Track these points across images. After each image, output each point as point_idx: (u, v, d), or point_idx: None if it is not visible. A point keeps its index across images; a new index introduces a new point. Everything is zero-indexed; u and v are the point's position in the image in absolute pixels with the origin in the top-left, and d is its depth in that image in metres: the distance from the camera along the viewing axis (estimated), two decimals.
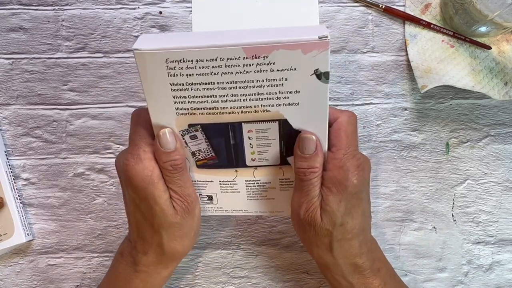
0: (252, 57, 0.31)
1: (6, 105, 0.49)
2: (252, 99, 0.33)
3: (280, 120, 0.34)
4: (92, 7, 0.50)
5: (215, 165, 0.38)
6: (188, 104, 0.34)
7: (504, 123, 0.49)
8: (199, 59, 0.31)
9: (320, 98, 0.33)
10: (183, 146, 0.36)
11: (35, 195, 0.48)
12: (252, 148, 0.36)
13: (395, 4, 0.50)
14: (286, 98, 0.33)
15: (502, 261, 0.48)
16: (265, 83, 0.32)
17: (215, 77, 0.32)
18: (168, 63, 0.31)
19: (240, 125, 0.35)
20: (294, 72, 0.32)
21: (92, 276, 0.48)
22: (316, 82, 0.32)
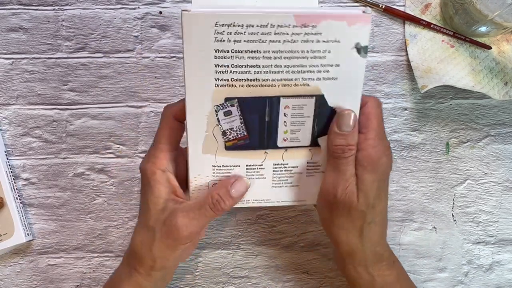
0: (301, 25, 0.32)
1: (6, 105, 0.49)
2: (294, 71, 0.34)
3: (317, 96, 0.35)
4: (92, 7, 0.50)
5: (245, 146, 0.37)
6: (230, 74, 0.33)
7: (504, 123, 0.49)
8: (250, 25, 0.31)
9: (358, 73, 0.34)
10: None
11: (35, 195, 0.48)
12: (286, 126, 0.36)
13: (395, 4, 0.50)
14: (326, 71, 0.34)
15: (502, 261, 0.48)
16: (309, 54, 0.33)
17: (263, 45, 0.32)
18: (217, 26, 0.31)
19: (278, 100, 0.35)
20: (337, 44, 0.33)
21: (92, 276, 0.48)
22: (355, 56, 0.34)
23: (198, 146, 0.36)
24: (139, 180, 0.48)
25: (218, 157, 0.37)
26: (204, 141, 0.36)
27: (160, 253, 0.37)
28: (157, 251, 0.36)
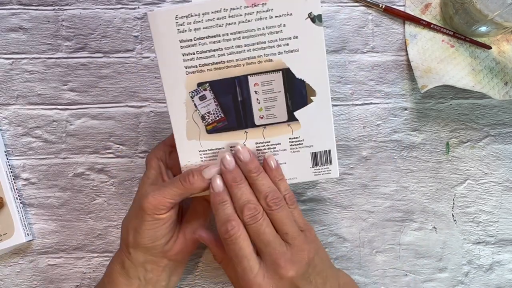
0: (252, 5, 0.35)
1: (6, 105, 0.49)
2: (255, 49, 0.36)
3: (284, 69, 0.37)
4: (92, 7, 0.50)
5: (225, 128, 0.38)
6: (197, 60, 0.36)
7: (504, 123, 0.49)
8: (205, 12, 0.35)
9: (317, 42, 0.36)
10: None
11: (35, 195, 0.48)
12: (260, 104, 0.38)
13: (395, 4, 0.50)
14: (286, 45, 0.36)
15: (502, 261, 0.48)
16: (265, 30, 0.36)
17: (220, 29, 0.35)
18: (177, 19, 0.35)
19: (246, 79, 0.37)
20: (290, 18, 0.35)
21: (92, 276, 0.48)
22: (311, 25, 0.35)
23: (182, 133, 0.38)
24: (139, 180, 0.48)
25: (202, 141, 0.39)
26: (187, 128, 0.38)
27: (131, 224, 0.38)
28: (130, 223, 0.39)
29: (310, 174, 0.39)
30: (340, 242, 0.48)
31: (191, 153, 0.39)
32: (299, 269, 0.34)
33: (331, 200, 0.48)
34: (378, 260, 0.48)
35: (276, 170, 0.37)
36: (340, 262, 0.48)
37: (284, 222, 0.35)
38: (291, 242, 0.35)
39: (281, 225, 0.35)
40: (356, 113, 0.49)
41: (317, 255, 0.36)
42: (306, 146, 0.39)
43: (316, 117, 0.38)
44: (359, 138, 0.49)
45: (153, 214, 0.37)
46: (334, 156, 0.39)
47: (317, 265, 0.35)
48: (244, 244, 0.35)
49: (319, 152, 0.39)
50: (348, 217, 0.48)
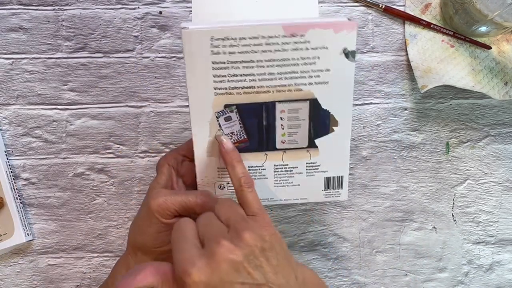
0: (290, 35, 0.35)
1: (6, 105, 0.49)
2: (287, 78, 0.36)
3: (311, 99, 0.37)
4: (92, 7, 0.50)
5: (246, 149, 0.39)
6: (227, 83, 0.36)
7: (504, 123, 0.49)
8: (242, 37, 0.34)
9: (347, 76, 0.36)
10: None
11: (35, 195, 0.48)
12: (283, 129, 0.38)
13: (395, 4, 0.50)
14: (318, 76, 0.36)
15: (502, 261, 0.48)
16: (300, 61, 0.36)
17: (255, 55, 0.35)
18: (213, 41, 0.34)
19: (274, 105, 0.37)
20: (325, 51, 0.35)
21: (92, 276, 0.48)
22: (344, 60, 0.36)
23: (203, 150, 0.38)
24: (139, 180, 0.48)
25: (222, 160, 0.38)
26: (208, 145, 0.38)
27: (139, 227, 0.38)
28: (137, 225, 0.39)
29: (321, 196, 0.41)
30: (340, 242, 0.48)
31: (209, 170, 0.39)
32: (241, 252, 0.32)
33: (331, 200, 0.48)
34: (378, 260, 0.48)
35: (233, 151, 0.37)
36: (340, 262, 0.48)
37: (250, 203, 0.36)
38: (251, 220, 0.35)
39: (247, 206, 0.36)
40: (356, 113, 0.49)
41: (264, 242, 0.33)
42: (321, 171, 0.40)
43: (335, 145, 0.39)
44: (359, 138, 0.49)
45: (160, 217, 0.37)
46: (345, 182, 0.40)
47: (265, 250, 0.33)
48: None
49: (332, 177, 0.40)
50: (348, 217, 0.48)
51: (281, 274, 0.33)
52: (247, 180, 0.36)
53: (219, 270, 0.31)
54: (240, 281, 0.31)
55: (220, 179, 0.40)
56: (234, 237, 0.32)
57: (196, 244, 0.32)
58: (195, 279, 0.30)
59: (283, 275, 0.33)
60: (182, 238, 0.33)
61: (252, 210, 0.35)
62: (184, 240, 0.33)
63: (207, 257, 0.31)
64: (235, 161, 0.37)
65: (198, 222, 0.34)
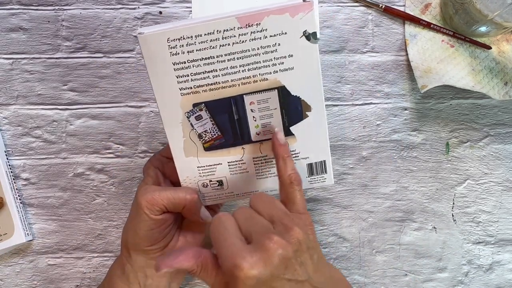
0: (246, 25, 0.34)
1: (6, 105, 0.49)
2: (250, 69, 0.36)
3: (279, 87, 0.37)
4: (92, 7, 0.50)
5: (222, 145, 0.39)
6: (191, 82, 0.36)
7: (504, 123, 0.49)
8: (198, 35, 0.34)
9: (312, 59, 0.36)
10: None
11: (35, 195, 0.48)
12: (256, 121, 0.38)
13: (395, 4, 0.50)
14: (281, 63, 0.36)
15: (502, 261, 0.48)
16: (260, 50, 0.35)
17: (214, 51, 0.35)
18: (169, 42, 0.34)
19: (242, 98, 0.37)
20: (285, 36, 0.35)
21: (92, 276, 0.48)
22: (306, 43, 0.35)
23: (180, 151, 0.38)
24: (139, 180, 0.48)
25: (200, 158, 0.39)
26: (184, 146, 0.38)
27: (130, 226, 0.39)
28: (129, 225, 0.39)
29: (306, 183, 0.41)
30: (340, 242, 0.48)
31: (189, 170, 0.39)
32: (292, 248, 0.32)
33: (331, 200, 0.48)
34: (378, 260, 0.48)
35: (285, 146, 0.37)
36: (340, 262, 0.48)
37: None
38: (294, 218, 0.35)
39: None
40: (356, 113, 0.49)
41: (310, 240, 0.34)
42: (302, 158, 0.40)
43: (311, 130, 0.38)
44: (359, 138, 0.49)
45: (149, 213, 0.37)
46: (329, 166, 0.40)
47: (309, 248, 0.33)
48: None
49: (314, 163, 0.40)
50: (348, 217, 0.48)
51: (320, 272, 0.33)
52: (297, 178, 0.36)
53: (271, 265, 0.30)
54: (287, 277, 0.31)
55: (201, 178, 0.40)
56: (284, 232, 0.32)
57: (242, 239, 0.32)
58: (247, 274, 0.30)
59: (322, 274, 0.34)
60: (226, 232, 0.33)
61: (298, 208, 0.35)
62: (228, 234, 0.32)
63: (259, 252, 0.31)
64: (286, 156, 0.36)
65: (237, 217, 0.34)
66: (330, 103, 0.49)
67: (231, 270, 0.30)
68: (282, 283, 0.31)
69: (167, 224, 0.39)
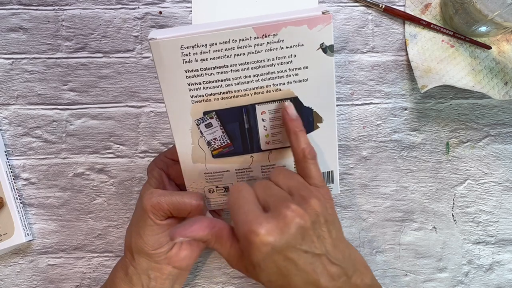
0: (262, 36, 0.33)
1: (6, 105, 0.49)
2: (264, 79, 0.35)
3: (291, 98, 0.36)
4: (92, 7, 0.50)
5: (231, 153, 0.38)
6: (203, 90, 0.35)
7: (504, 123, 0.49)
8: (213, 43, 0.33)
9: (327, 71, 0.35)
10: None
11: (35, 195, 0.48)
12: (266, 130, 0.38)
13: (395, 4, 0.50)
14: (296, 75, 0.35)
15: (502, 261, 0.48)
16: (275, 61, 0.34)
17: (228, 60, 0.34)
18: (182, 49, 0.33)
19: (254, 108, 0.36)
20: (301, 48, 0.34)
21: (92, 276, 0.48)
22: (322, 56, 0.34)
23: (187, 157, 0.38)
24: (139, 180, 0.48)
25: (208, 165, 0.39)
26: (192, 152, 0.38)
27: (134, 229, 0.39)
28: (133, 228, 0.39)
29: None
30: None
31: (196, 176, 0.39)
32: (310, 218, 0.31)
33: None
34: (378, 260, 0.48)
35: (297, 120, 0.35)
36: None
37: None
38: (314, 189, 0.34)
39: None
40: (356, 113, 0.49)
41: (328, 213, 0.33)
42: None
43: (321, 141, 0.38)
44: (359, 138, 0.49)
45: (154, 218, 0.37)
46: (336, 176, 0.40)
47: (328, 221, 0.33)
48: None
49: (322, 173, 0.39)
50: (348, 217, 0.48)
51: (338, 248, 0.32)
52: (311, 151, 0.34)
53: (288, 233, 0.30)
54: (303, 249, 0.30)
55: (208, 184, 0.39)
56: (302, 203, 0.31)
57: (259, 207, 0.32)
58: (263, 240, 0.29)
59: (340, 250, 0.33)
60: (243, 199, 0.32)
61: (315, 182, 0.34)
62: (246, 201, 0.32)
63: (276, 219, 0.30)
64: (298, 130, 0.35)
65: (256, 188, 0.33)
66: None
67: (247, 236, 0.29)
68: (298, 254, 0.30)
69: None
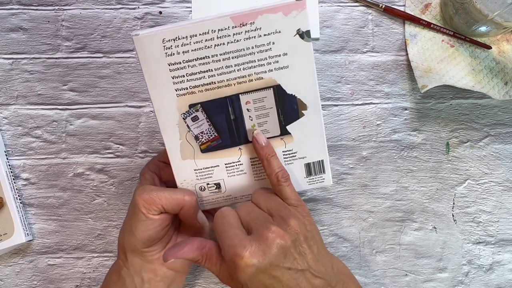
0: (240, 25, 0.34)
1: (6, 105, 0.49)
2: (245, 68, 0.36)
3: (274, 86, 0.37)
4: (92, 7, 0.50)
5: (219, 146, 0.39)
6: (187, 82, 0.36)
7: (504, 123, 0.49)
8: (193, 35, 0.34)
9: (307, 57, 0.36)
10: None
11: (35, 195, 0.48)
12: (252, 120, 0.38)
13: (395, 4, 0.50)
14: (276, 62, 0.36)
15: (502, 261, 0.48)
16: (255, 49, 0.35)
17: (209, 50, 0.35)
18: (164, 43, 0.34)
19: (238, 98, 0.37)
20: (279, 35, 0.35)
21: (92, 276, 0.48)
22: (300, 41, 0.35)
23: (176, 154, 0.38)
24: (139, 180, 0.48)
25: (197, 161, 0.39)
26: (181, 148, 0.38)
27: (126, 227, 0.39)
28: (125, 226, 0.39)
29: (305, 184, 0.40)
30: (340, 242, 0.48)
31: (186, 173, 0.39)
32: (290, 237, 0.34)
33: (331, 200, 0.48)
34: (378, 260, 0.48)
35: (267, 147, 0.37)
36: None
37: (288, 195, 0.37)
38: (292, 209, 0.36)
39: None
40: (356, 113, 0.49)
41: (307, 231, 0.35)
42: (300, 158, 0.39)
43: (308, 129, 0.38)
44: (359, 138, 0.49)
45: (146, 212, 0.37)
46: (327, 165, 0.40)
47: (307, 238, 0.35)
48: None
49: (312, 162, 0.40)
50: (348, 217, 0.48)
51: (320, 262, 0.35)
52: (284, 175, 0.36)
53: (270, 254, 0.32)
54: (286, 266, 0.33)
55: (199, 181, 0.40)
56: (281, 224, 0.34)
57: (243, 230, 0.34)
58: (247, 262, 0.32)
59: (322, 263, 0.35)
60: (228, 224, 0.34)
61: (291, 202, 0.36)
62: (230, 226, 0.34)
63: (258, 241, 0.32)
64: (270, 156, 0.37)
65: (239, 211, 0.36)
66: (330, 103, 0.49)
67: (232, 259, 0.32)
68: (282, 272, 0.33)
69: (164, 225, 0.38)
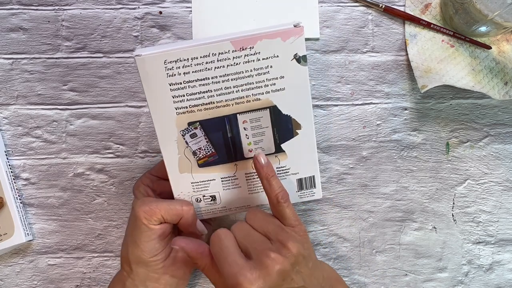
0: (240, 49, 0.36)
1: (6, 105, 0.49)
2: (243, 90, 0.37)
3: (271, 107, 0.38)
4: (92, 7, 0.50)
5: (216, 161, 0.40)
6: (187, 102, 0.37)
7: (504, 123, 0.49)
8: (194, 57, 0.36)
9: (302, 80, 0.38)
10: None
11: (35, 195, 0.48)
12: (248, 138, 0.39)
13: (395, 4, 0.50)
14: (273, 84, 0.37)
15: (502, 261, 0.48)
16: (253, 72, 0.37)
17: (209, 72, 0.36)
18: (166, 64, 0.36)
19: (235, 117, 0.38)
20: (277, 59, 0.37)
21: (92, 276, 0.48)
22: (296, 66, 0.37)
23: (174, 168, 0.40)
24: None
25: (194, 174, 0.40)
26: (179, 163, 0.39)
27: (130, 239, 0.39)
28: (128, 238, 0.40)
29: (296, 197, 0.42)
30: (340, 242, 0.48)
31: (183, 185, 0.40)
32: (289, 262, 0.35)
33: (331, 200, 0.48)
34: (378, 260, 0.48)
35: (267, 166, 0.38)
36: (340, 262, 0.48)
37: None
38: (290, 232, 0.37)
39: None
40: (356, 113, 0.49)
41: (304, 249, 0.36)
42: (292, 174, 0.41)
43: (301, 147, 0.40)
44: (359, 138, 0.49)
45: (147, 223, 0.38)
46: (317, 180, 0.42)
47: (305, 257, 0.36)
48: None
49: (304, 178, 0.42)
50: (348, 217, 0.48)
51: (313, 275, 0.36)
52: (284, 195, 0.37)
53: (270, 280, 0.33)
54: (285, 287, 0.34)
55: (195, 193, 0.41)
56: (280, 248, 0.35)
57: (242, 256, 0.35)
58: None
59: (315, 276, 0.37)
60: (226, 250, 0.35)
61: (290, 222, 0.37)
62: (229, 252, 0.35)
63: (258, 270, 0.34)
64: (270, 176, 0.38)
65: (236, 234, 0.37)
66: (330, 103, 0.49)
67: (234, 287, 0.33)
68: None
69: (165, 235, 0.39)
